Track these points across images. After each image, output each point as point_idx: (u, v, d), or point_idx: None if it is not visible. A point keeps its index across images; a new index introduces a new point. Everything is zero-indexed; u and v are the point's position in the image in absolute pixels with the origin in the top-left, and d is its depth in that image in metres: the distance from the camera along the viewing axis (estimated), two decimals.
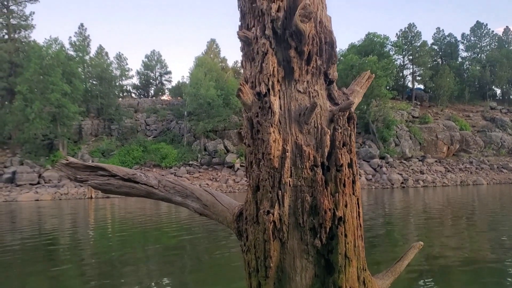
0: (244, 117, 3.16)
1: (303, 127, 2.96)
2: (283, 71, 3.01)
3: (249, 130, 3.05)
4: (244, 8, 3.25)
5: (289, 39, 2.97)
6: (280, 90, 3.00)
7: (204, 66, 61.14)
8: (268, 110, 2.91)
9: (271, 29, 2.99)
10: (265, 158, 2.89)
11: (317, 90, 3.08)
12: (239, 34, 3.13)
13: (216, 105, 55.28)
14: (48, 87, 49.27)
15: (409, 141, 58.40)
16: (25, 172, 46.49)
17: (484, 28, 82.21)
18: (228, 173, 50.52)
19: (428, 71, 71.34)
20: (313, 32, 3.01)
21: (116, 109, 61.66)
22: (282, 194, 2.87)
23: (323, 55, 3.07)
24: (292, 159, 2.92)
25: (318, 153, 2.94)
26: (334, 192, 2.90)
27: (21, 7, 63.17)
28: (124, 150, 54.25)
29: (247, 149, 3.11)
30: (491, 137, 62.23)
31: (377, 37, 68.47)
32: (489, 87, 77.95)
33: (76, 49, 63.46)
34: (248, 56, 3.15)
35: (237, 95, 2.95)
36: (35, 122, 48.04)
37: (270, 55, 2.97)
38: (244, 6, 3.23)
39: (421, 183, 49.53)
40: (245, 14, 3.24)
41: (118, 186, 3.56)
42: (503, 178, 53.71)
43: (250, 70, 3.13)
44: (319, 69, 3.07)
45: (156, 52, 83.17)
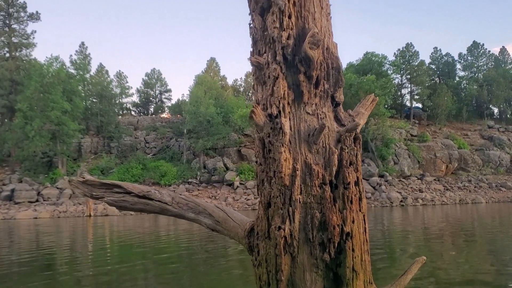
0: (255, 137, 3.33)
1: (312, 147, 3.13)
2: (293, 94, 3.20)
3: (261, 150, 3.23)
4: (256, 36, 3.46)
5: (298, 65, 3.17)
6: (290, 112, 3.19)
7: (204, 84, 61.65)
8: (279, 130, 3.09)
9: (282, 55, 3.19)
10: (277, 176, 3.06)
11: (325, 112, 3.27)
12: (251, 60, 3.33)
13: (216, 123, 55.55)
14: (48, 105, 49.53)
15: (408, 159, 58.59)
16: (24, 189, 46.43)
17: (481, 48, 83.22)
18: (228, 191, 50.52)
19: (426, 90, 71.97)
20: (321, 58, 3.21)
21: (115, 126, 61.88)
22: (292, 211, 3.03)
23: (330, 79, 3.27)
24: (302, 177, 3.08)
25: (326, 172, 3.11)
26: (342, 208, 3.06)
27: (23, 25, 63.80)
28: (124, 167, 54.28)
29: (258, 167, 3.28)
30: (489, 155, 62.46)
31: (375, 57, 69.30)
32: (486, 106, 78.54)
33: (76, 67, 63.96)
34: (260, 80, 3.34)
35: (250, 117, 3.14)
36: (35, 139, 48.15)
37: (280, 79, 3.16)
38: (256, 34, 3.44)
39: (420, 201, 49.55)
40: (256, 41, 3.45)
41: (133, 203, 3.71)
42: (501, 196, 53.77)
43: (261, 93, 3.32)
44: (327, 93, 3.27)
45: (156, 71, 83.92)
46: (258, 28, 3.38)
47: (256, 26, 3.39)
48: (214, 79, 72.11)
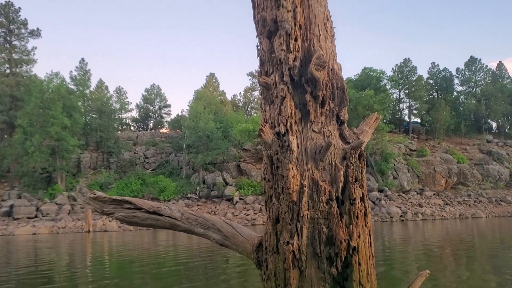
0: (264, 155, 3.45)
1: (319, 164, 3.25)
2: (300, 113, 3.33)
3: (269, 167, 3.34)
4: (263, 57, 3.60)
5: (305, 85, 3.30)
6: (297, 130, 3.32)
7: (203, 99, 61.98)
8: (287, 148, 3.21)
9: (289, 76, 3.33)
10: (285, 193, 3.17)
11: (331, 130, 3.39)
12: (259, 80, 3.47)
13: (215, 138, 55.69)
14: (48, 121, 49.67)
15: (407, 174, 58.65)
16: (23, 205, 46.28)
17: (478, 63, 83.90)
18: (227, 206, 50.42)
19: (424, 105, 72.37)
20: (326, 78, 3.35)
21: (115, 142, 61.97)
22: (300, 226, 3.13)
23: (335, 99, 3.41)
24: (309, 194, 3.19)
25: (333, 188, 3.22)
26: (348, 224, 3.17)
27: (23, 42, 64.21)
28: (123, 183, 54.22)
29: (266, 184, 3.39)
30: (488, 170, 62.54)
31: (373, 72, 69.90)
32: (484, 121, 78.90)
33: (76, 83, 64.24)
34: (268, 99, 3.48)
35: (259, 135, 3.26)
36: (34, 155, 48.16)
37: (288, 99, 3.29)
38: (264, 56, 3.58)
39: (420, 216, 49.47)
40: (264, 62, 3.59)
41: (144, 219, 3.81)
42: (501, 211, 53.71)
43: (269, 112, 3.45)
44: (332, 112, 3.40)
45: (156, 86, 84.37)
46: (266, 50, 3.52)
47: (264, 48, 3.53)
48: (213, 94, 72.54)
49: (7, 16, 62.84)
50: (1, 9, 62.63)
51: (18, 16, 63.78)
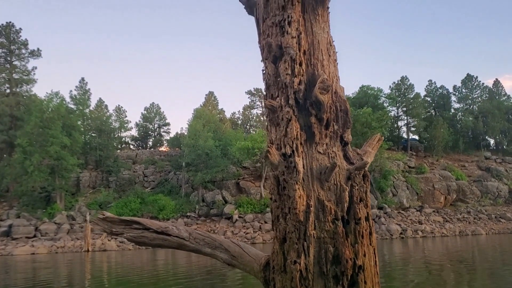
0: (270, 175, 3.55)
1: (324, 184, 3.35)
2: (305, 135, 3.44)
3: (275, 187, 3.44)
4: (269, 81, 3.73)
5: (310, 108, 3.42)
6: (303, 151, 3.42)
7: (202, 117, 62.23)
8: (293, 169, 3.31)
9: (294, 99, 3.46)
10: (291, 212, 3.26)
11: (335, 151, 3.50)
12: (266, 103, 3.60)
13: (214, 156, 55.71)
14: (48, 140, 49.72)
15: (406, 191, 58.62)
16: (22, 225, 46.04)
17: (475, 81, 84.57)
18: (226, 225, 50.19)
19: (422, 122, 72.69)
20: (330, 101, 3.48)
21: (114, 161, 61.94)
22: (307, 245, 3.21)
23: (339, 121, 3.53)
24: (315, 213, 3.28)
25: (338, 208, 3.31)
26: (354, 243, 3.25)
27: (24, 62, 64.64)
28: (122, 202, 54.04)
29: (273, 204, 3.48)
30: (487, 186, 62.54)
31: (371, 90, 70.45)
32: (482, 138, 79.17)
33: (76, 102, 64.51)
34: (274, 121, 3.59)
35: (265, 156, 3.36)
36: (34, 174, 48.08)
37: (293, 121, 3.41)
38: (269, 80, 3.72)
39: (420, 233, 49.31)
40: (269, 86, 3.72)
41: (152, 239, 3.88)
42: (501, 228, 53.55)
43: (275, 133, 3.56)
44: (336, 133, 3.52)
45: (155, 105, 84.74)
46: (271, 75, 3.65)
47: (269, 73, 3.67)
48: (213, 113, 72.83)
49: (8, 36, 63.43)
50: (2, 30, 63.24)
51: (19, 36, 64.39)
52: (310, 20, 3.63)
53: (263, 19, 3.81)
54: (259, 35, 3.92)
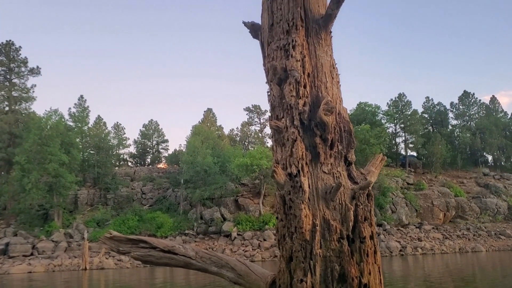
0: (276, 195, 3.62)
1: (330, 204, 3.42)
2: (310, 155, 3.53)
3: (282, 206, 3.51)
4: (274, 102, 3.84)
5: (314, 129, 3.52)
6: (308, 171, 3.50)
7: (201, 134, 62.36)
8: (299, 189, 3.39)
9: (299, 120, 3.55)
10: (298, 232, 3.32)
11: (339, 171, 3.58)
12: (271, 124, 3.69)
13: (213, 173, 55.62)
14: (46, 157, 49.67)
15: (406, 208, 58.51)
16: (19, 243, 45.70)
17: (472, 97, 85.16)
18: (225, 242, 49.84)
19: (420, 139, 72.94)
20: (334, 122, 3.57)
21: (112, 178, 61.83)
22: (313, 264, 3.26)
23: (343, 141, 3.62)
24: (321, 232, 3.35)
25: (343, 227, 3.38)
26: (359, 261, 3.31)
27: (23, 80, 64.95)
28: (120, 219, 53.75)
29: (279, 223, 3.55)
30: (486, 203, 62.48)
31: (369, 106, 70.90)
32: (480, 154, 79.39)
33: (75, 120, 64.63)
34: (279, 141, 3.68)
35: (272, 176, 3.44)
36: (32, 192, 47.91)
37: (299, 142, 3.50)
38: (274, 101, 3.82)
39: (420, 250, 49.07)
40: (274, 107, 3.82)
41: (159, 257, 3.93)
42: (501, 245, 53.33)
43: (281, 153, 3.65)
44: (341, 153, 3.60)
45: (153, 122, 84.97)
46: (276, 96, 3.75)
47: (274, 94, 3.77)
48: (211, 129, 73.03)
49: (8, 55, 63.86)
50: (2, 48, 63.70)
51: (18, 54, 64.84)
52: (314, 43, 3.75)
53: (268, 43, 3.93)
54: (264, 58, 4.04)
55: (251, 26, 4.21)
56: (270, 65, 3.82)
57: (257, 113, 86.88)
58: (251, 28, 4.23)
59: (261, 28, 4.11)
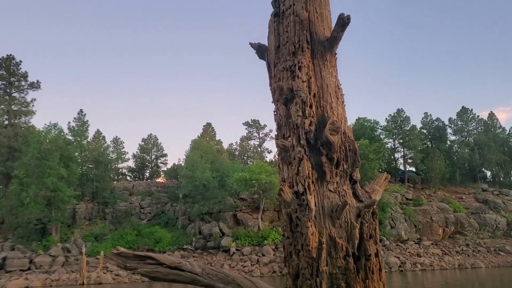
0: (283, 213, 3.69)
1: (336, 222, 3.49)
2: (316, 174, 3.61)
3: (288, 224, 3.58)
4: (280, 122, 3.93)
5: (320, 148, 3.60)
6: (314, 189, 3.58)
7: (200, 148, 62.33)
8: (306, 207, 3.46)
9: (305, 139, 3.64)
10: (304, 249, 3.38)
11: (345, 189, 3.67)
12: (278, 143, 3.78)
13: (212, 187, 55.47)
14: (45, 171, 49.50)
15: (405, 223, 58.33)
16: (16, 257, 45.36)
17: (470, 113, 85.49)
18: (224, 258, 49.50)
19: (418, 154, 73.00)
20: (340, 142, 3.66)
21: (111, 192, 61.61)
22: (320, 281, 3.32)
23: (349, 160, 3.71)
24: (327, 250, 3.41)
25: (349, 245, 3.44)
26: (364, 278, 3.37)
27: (23, 94, 64.99)
28: (118, 234, 53.44)
29: (286, 240, 3.61)
30: (485, 219, 62.32)
31: (367, 122, 71.15)
32: (479, 170, 79.41)
33: (74, 134, 64.65)
34: (285, 160, 3.76)
35: (279, 194, 3.52)
36: (30, 206, 47.64)
37: (305, 161, 3.58)
38: (281, 120, 3.92)
39: (419, 266, 48.81)
40: (281, 126, 3.92)
41: (166, 274, 3.98)
42: (501, 261, 53.08)
43: (287, 172, 3.73)
44: (346, 172, 3.69)
45: (153, 136, 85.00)
46: (283, 116, 3.85)
47: (281, 114, 3.87)
48: (210, 144, 73.05)
49: (8, 69, 64.04)
50: (2, 62, 63.90)
51: (18, 69, 64.99)
52: (319, 65, 3.86)
53: (274, 64, 4.04)
54: (270, 78, 4.14)
55: (258, 47, 4.32)
56: (276, 86, 3.92)
57: (256, 127, 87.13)
58: (257, 49, 4.34)
59: (268, 50, 4.22)
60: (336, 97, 3.86)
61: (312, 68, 3.83)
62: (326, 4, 3.93)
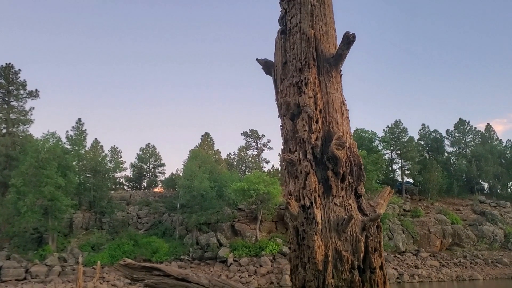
0: (290, 226, 3.77)
1: (341, 235, 3.56)
2: (323, 188, 3.69)
3: (295, 237, 3.65)
4: (287, 136, 4.02)
5: (326, 162, 3.69)
6: (320, 203, 3.66)
7: (198, 158, 62.32)
8: (312, 220, 3.54)
9: (312, 154, 3.73)
10: (311, 262, 3.45)
11: (350, 203, 3.75)
12: (285, 158, 3.86)
13: (209, 197, 55.36)
14: (42, 180, 49.35)
15: (402, 235, 58.27)
16: (12, 267, 45.07)
17: (467, 125, 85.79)
18: (221, 268, 49.27)
19: (416, 166, 73.15)
20: (345, 156, 3.74)
21: (108, 202, 61.39)
22: None
23: (354, 174, 3.79)
24: (333, 263, 3.48)
25: (355, 258, 3.51)
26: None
27: (21, 102, 64.98)
28: (115, 244, 53.16)
29: (292, 253, 3.68)
30: (482, 231, 62.32)
31: (365, 133, 71.38)
32: (476, 181, 79.54)
33: (72, 143, 64.54)
34: (292, 174, 3.84)
35: (286, 207, 3.59)
36: (27, 215, 47.43)
37: (311, 175, 3.66)
38: (287, 135, 4.00)
39: (417, 278, 48.67)
40: (287, 140, 4.00)
41: (172, 285, 4.03)
42: (498, 273, 52.99)
43: (293, 186, 3.81)
44: (351, 186, 3.77)
45: (151, 145, 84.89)
46: (289, 130, 3.94)
47: (287, 129, 3.96)
48: (208, 153, 73.03)
49: (7, 77, 64.09)
50: (1, 71, 63.95)
51: (17, 77, 65.02)
52: (325, 81, 3.96)
53: (281, 80, 4.13)
54: (277, 94, 4.24)
55: (264, 63, 4.42)
56: (283, 101, 4.01)
57: (255, 137, 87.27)
58: (264, 65, 4.43)
59: (274, 66, 4.32)
60: (341, 112, 3.95)
61: (318, 84, 3.92)
62: (331, 22, 4.03)
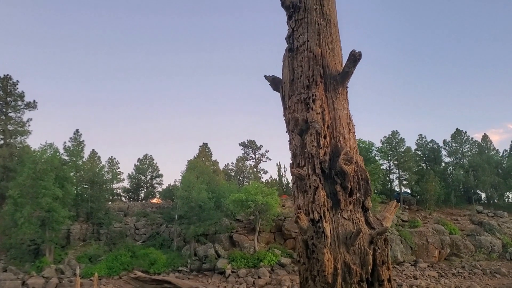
0: (299, 239, 3.85)
1: (350, 248, 3.64)
2: (331, 202, 3.78)
3: (304, 250, 3.72)
4: (295, 151, 4.12)
5: (335, 177, 3.79)
6: (329, 217, 3.74)
7: (196, 169, 62.28)
8: (322, 234, 3.62)
9: (320, 168, 3.82)
10: (320, 275, 3.53)
11: (358, 217, 3.84)
12: (293, 172, 3.95)
13: (207, 208, 55.26)
14: (40, 192, 49.22)
15: (400, 245, 58.21)
16: (8, 279, 44.75)
17: (464, 135, 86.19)
18: (219, 280, 49.05)
19: (414, 176, 73.29)
20: (353, 171, 3.84)
21: (105, 213, 61.19)
22: None
23: (361, 189, 3.89)
24: (342, 276, 3.55)
25: (363, 270, 3.59)
26: None
27: (19, 114, 65.05)
28: (112, 255, 52.92)
29: (301, 266, 3.75)
30: (480, 241, 62.33)
31: (363, 143, 71.50)
32: (473, 191, 79.71)
33: (70, 154, 64.44)
34: (301, 188, 3.94)
35: (296, 221, 3.67)
36: (24, 227, 47.22)
37: (320, 189, 3.76)
38: (296, 150, 4.10)
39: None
40: (296, 155, 4.10)
41: None
42: (497, 283, 52.89)
43: (302, 200, 3.90)
44: (359, 200, 3.86)
45: (148, 156, 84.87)
46: (298, 145, 4.04)
47: (296, 144, 4.06)
48: (206, 164, 73.00)
49: (5, 88, 64.24)
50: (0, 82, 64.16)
51: (15, 89, 65.20)
52: (332, 98, 4.06)
53: (289, 96, 4.24)
54: (285, 109, 4.33)
55: (272, 80, 4.52)
56: (291, 117, 4.11)
57: (252, 148, 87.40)
58: (271, 82, 4.53)
59: (282, 82, 4.42)
60: (348, 128, 4.05)
61: (325, 100, 4.02)
62: (337, 40, 4.15)
